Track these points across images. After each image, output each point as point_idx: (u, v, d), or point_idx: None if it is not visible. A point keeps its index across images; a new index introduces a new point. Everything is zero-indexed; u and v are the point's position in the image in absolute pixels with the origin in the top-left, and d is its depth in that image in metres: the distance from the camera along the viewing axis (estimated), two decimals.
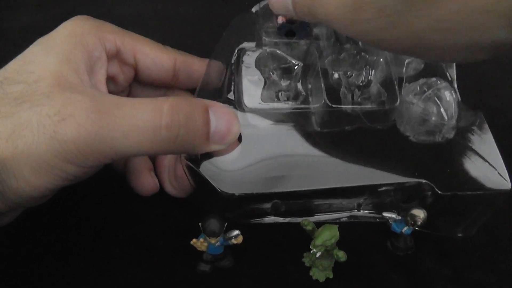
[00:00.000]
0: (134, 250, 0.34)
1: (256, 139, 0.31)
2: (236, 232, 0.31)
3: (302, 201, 0.33)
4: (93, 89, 0.29)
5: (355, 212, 0.35)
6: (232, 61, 0.34)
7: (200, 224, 0.30)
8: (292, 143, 0.31)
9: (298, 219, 0.34)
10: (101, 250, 0.34)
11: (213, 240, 0.31)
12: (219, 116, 0.28)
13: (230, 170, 0.30)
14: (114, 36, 0.32)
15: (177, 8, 0.50)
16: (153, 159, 0.37)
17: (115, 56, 0.33)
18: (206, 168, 0.30)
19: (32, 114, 0.26)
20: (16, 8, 0.50)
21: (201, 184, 0.31)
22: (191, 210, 0.34)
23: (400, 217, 0.32)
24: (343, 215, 0.35)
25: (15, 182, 0.26)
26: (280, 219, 0.35)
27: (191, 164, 0.30)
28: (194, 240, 0.31)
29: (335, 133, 0.31)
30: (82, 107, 0.26)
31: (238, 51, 0.34)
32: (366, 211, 0.35)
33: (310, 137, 0.31)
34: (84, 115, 0.26)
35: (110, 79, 0.33)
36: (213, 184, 0.30)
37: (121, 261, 0.33)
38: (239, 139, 0.31)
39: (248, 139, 0.31)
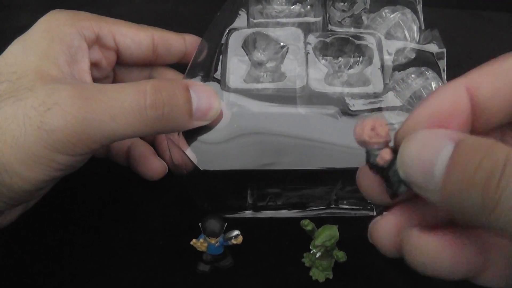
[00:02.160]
0: (134, 250, 0.34)
1: (236, 118, 0.31)
2: (236, 232, 0.31)
3: (276, 189, 0.33)
4: (75, 79, 0.29)
5: (334, 208, 0.35)
6: (222, 41, 0.34)
7: (200, 224, 0.30)
8: (272, 123, 0.31)
9: (276, 214, 0.35)
10: (100, 250, 0.34)
11: (213, 241, 0.31)
12: (200, 93, 0.29)
13: (208, 147, 0.30)
14: (90, 23, 0.32)
15: (177, 8, 0.50)
16: (153, 143, 0.37)
17: (95, 42, 0.33)
18: (189, 146, 0.31)
19: (17, 108, 0.26)
20: (16, 8, 0.50)
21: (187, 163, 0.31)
22: (191, 210, 0.34)
23: None
24: (321, 212, 0.35)
25: (8, 177, 0.26)
26: (259, 214, 0.35)
27: (174, 142, 0.31)
28: (194, 240, 0.31)
29: (316, 116, 0.31)
30: (66, 95, 0.26)
31: (228, 31, 0.35)
32: (343, 206, 0.35)
33: (291, 118, 0.31)
34: (69, 102, 0.26)
35: (94, 66, 0.33)
36: (191, 159, 0.30)
37: (121, 261, 0.34)
38: (222, 114, 0.31)
39: (228, 118, 0.31)
